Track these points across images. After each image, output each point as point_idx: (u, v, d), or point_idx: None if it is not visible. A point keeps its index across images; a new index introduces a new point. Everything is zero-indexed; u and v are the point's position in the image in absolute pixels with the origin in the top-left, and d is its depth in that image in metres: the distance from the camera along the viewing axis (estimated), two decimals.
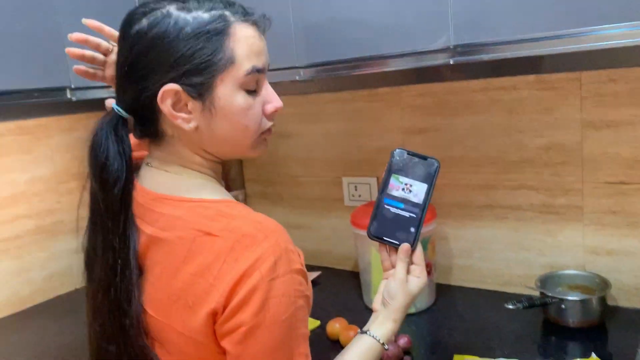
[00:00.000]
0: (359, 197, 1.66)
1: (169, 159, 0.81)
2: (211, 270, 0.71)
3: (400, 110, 1.54)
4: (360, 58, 1.22)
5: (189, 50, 0.73)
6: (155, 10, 0.75)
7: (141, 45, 0.74)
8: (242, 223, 0.73)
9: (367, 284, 1.45)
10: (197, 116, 0.76)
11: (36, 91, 1.40)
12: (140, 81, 0.75)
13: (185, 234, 0.74)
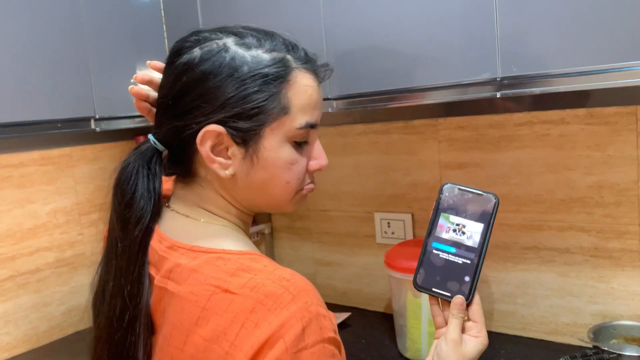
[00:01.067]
0: (392, 234, 1.57)
1: (195, 201, 0.74)
2: (227, 335, 0.61)
3: (438, 144, 1.46)
4: (395, 90, 1.15)
5: (242, 92, 0.67)
6: (210, 41, 0.69)
7: (190, 78, 0.68)
8: (266, 280, 0.63)
9: (402, 329, 1.35)
10: (236, 163, 0.70)
11: (60, 122, 1.36)
12: (182, 116, 0.69)
13: (200, 289, 0.64)
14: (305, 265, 1.80)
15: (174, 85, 0.69)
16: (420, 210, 1.52)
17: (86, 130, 1.42)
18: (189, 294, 0.65)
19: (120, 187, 0.71)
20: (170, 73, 0.71)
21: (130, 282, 0.69)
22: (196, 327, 0.63)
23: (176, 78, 0.69)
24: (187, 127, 0.68)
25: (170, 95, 0.70)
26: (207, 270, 0.66)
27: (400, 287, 1.32)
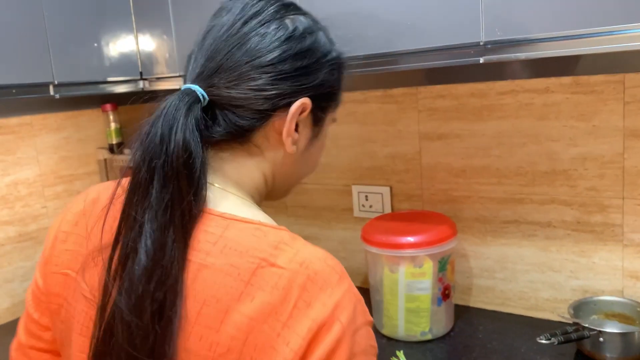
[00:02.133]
0: (369, 207, 1.52)
1: (232, 172, 0.67)
2: (278, 315, 0.54)
3: (417, 114, 1.40)
4: (373, 55, 1.09)
5: (329, 75, 0.68)
6: (303, 12, 0.70)
7: (297, 43, 0.65)
8: (312, 256, 0.58)
9: (378, 305, 1.31)
10: (302, 141, 0.69)
11: (15, 87, 1.27)
12: (282, 79, 0.64)
13: (242, 262, 0.57)
14: None
15: (276, 47, 0.64)
16: (398, 183, 1.47)
17: (45, 96, 1.33)
18: (228, 266, 0.57)
19: (159, 131, 0.59)
20: (265, 32, 0.64)
21: (175, 238, 0.58)
22: (238, 304, 0.55)
23: (281, 40, 0.64)
24: (280, 94, 0.64)
25: (269, 58, 0.63)
26: (247, 240, 0.58)
27: (376, 262, 1.28)
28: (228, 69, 0.63)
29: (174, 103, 0.61)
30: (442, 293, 1.25)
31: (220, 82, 0.63)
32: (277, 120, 0.66)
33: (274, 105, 0.64)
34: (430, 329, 1.26)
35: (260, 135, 0.66)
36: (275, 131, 0.66)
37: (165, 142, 0.59)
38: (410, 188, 1.45)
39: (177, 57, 1.43)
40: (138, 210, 0.58)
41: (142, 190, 0.59)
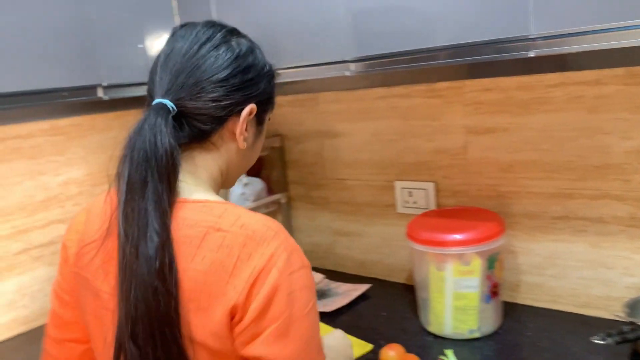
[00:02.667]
0: (413, 203, 1.51)
1: (193, 169, 0.80)
2: (225, 267, 0.69)
3: (463, 107, 1.38)
4: (418, 51, 1.07)
5: (268, 84, 0.84)
6: (243, 35, 0.84)
7: (242, 60, 0.79)
8: (250, 219, 0.72)
9: (425, 302, 1.30)
10: (250, 138, 0.84)
11: (66, 90, 1.30)
12: (234, 91, 0.78)
13: (193, 232, 0.71)
14: (323, 235, 1.75)
15: (228, 66, 0.78)
16: (443, 179, 1.45)
17: (93, 98, 1.36)
18: (184, 237, 0.71)
19: (136, 138, 0.72)
20: (216, 55, 0.78)
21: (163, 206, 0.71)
22: (192, 264, 0.69)
23: (230, 59, 0.78)
24: (233, 103, 0.78)
25: (223, 75, 0.77)
26: (197, 215, 0.73)
27: (422, 259, 1.27)
28: (191, 85, 0.76)
29: (154, 115, 0.73)
30: (491, 290, 1.24)
31: (186, 96, 0.76)
32: (230, 123, 0.80)
33: (229, 112, 0.79)
34: (479, 327, 1.24)
35: (216, 136, 0.80)
36: (229, 131, 0.80)
37: (153, 149, 0.71)
38: (455, 184, 1.43)
39: None
40: (140, 203, 0.70)
41: (140, 188, 0.70)
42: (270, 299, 0.68)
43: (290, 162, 1.78)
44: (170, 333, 0.68)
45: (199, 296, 0.68)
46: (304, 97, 1.68)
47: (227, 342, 0.69)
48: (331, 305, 1.47)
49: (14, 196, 1.50)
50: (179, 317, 0.68)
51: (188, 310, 0.69)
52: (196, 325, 0.69)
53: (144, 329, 0.68)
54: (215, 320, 0.68)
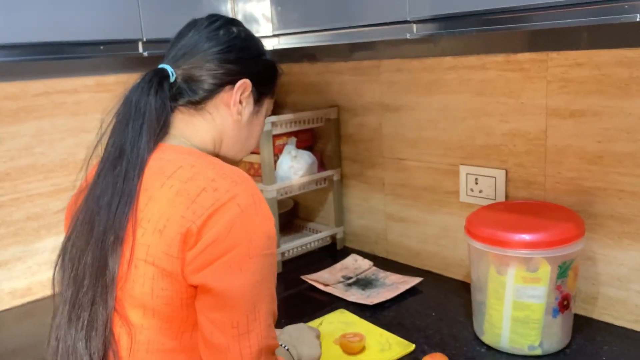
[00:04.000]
0: (479, 192, 1.32)
1: (186, 131, 0.86)
2: (189, 194, 0.72)
3: (546, 84, 1.16)
4: (496, 10, 0.89)
5: (266, 69, 0.94)
6: (244, 27, 0.94)
7: (238, 41, 0.90)
8: (225, 167, 0.77)
9: (480, 307, 1.13)
10: (245, 113, 0.91)
11: (103, 43, 1.22)
12: (228, 63, 0.87)
13: (168, 165, 0.77)
14: (376, 219, 1.60)
15: (224, 42, 0.88)
16: (516, 167, 1.25)
17: (133, 54, 1.27)
18: (158, 167, 0.77)
19: (127, 99, 0.82)
20: (216, 34, 0.88)
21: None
22: (160, 189, 0.74)
23: (227, 38, 0.88)
24: (230, 72, 0.87)
25: (219, 48, 0.87)
26: (174, 155, 0.79)
27: (481, 258, 1.09)
28: (190, 55, 0.87)
29: (148, 77, 0.84)
30: (560, 303, 1.04)
31: (185, 64, 0.87)
32: (225, 94, 0.88)
33: (222, 81, 0.87)
34: (541, 343, 1.06)
35: (212, 105, 0.88)
36: (224, 103, 0.88)
37: (141, 101, 0.81)
38: (530, 173, 1.23)
39: (272, 15, 1.31)
40: (119, 138, 0.79)
41: (122, 130, 0.80)
42: (228, 230, 0.70)
43: (345, 137, 1.63)
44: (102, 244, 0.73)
45: (159, 219, 0.72)
46: (365, 65, 1.51)
47: (176, 262, 0.71)
48: (375, 297, 1.32)
49: (56, 153, 1.45)
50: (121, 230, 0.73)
51: (144, 231, 0.72)
52: (149, 245, 0.71)
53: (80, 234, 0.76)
54: (169, 239, 0.71)
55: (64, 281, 0.76)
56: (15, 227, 1.40)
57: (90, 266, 0.73)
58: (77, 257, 0.75)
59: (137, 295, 0.72)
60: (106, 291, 0.71)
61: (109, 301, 0.71)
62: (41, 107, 1.41)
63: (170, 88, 0.85)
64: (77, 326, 0.72)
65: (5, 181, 1.38)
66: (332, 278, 1.47)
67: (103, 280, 0.72)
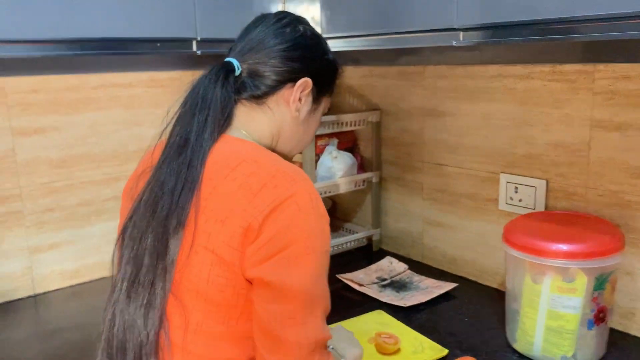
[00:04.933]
0: (519, 201, 1.32)
1: (247, 123, 0.89)
2: (252, 189, 0.74)
3: (592, 96, 1.16)
4: (543, 21, 0.90)
5: (327, 68, 0.96)
6: (311, 26, 0.96)
7: (304, 42, 0.91)
8: (285, 164, 0.79)
9: (514, 315, 1.13)
10: (304, 110, 0.93)
11: (160, 41, 1.27)
12: (292, 61, 0.89)
13: (232, 157, 0.80)
14: (413, 223, 1.61)
15: (290, 40, 0.90)
16: (557, 177, 1.25)
17: (187, 52, 1.33)
18: (222, 159, 0.79)
19: (195, 90, 0.86)
20: (283, 31, 0.90)
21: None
22: (224, 181, 0.76)
23: (293, 37, 0.90)
24: (294, 69, 0.89)
25: (284, 46, 0.89)
26: (238, 147, 0.83)
27: (517, 266, 1.09)
28: (256, 50, 0.89)
29: (215, 70, 0.87)
30: (595, 316, 1.04)
31: (250, 59, 0.89)
32: (286, 91, 0.90)
33: (285, 78, 0.89)
34: (575, 354, 1.05)
35: (272, 100, 0.90)
36: (284, 99, 0.90)
37: (204, 96, 0.84)
38: (571, 184, 1.22)
39: (321, 18, 1.34)
40: (184, 128, 0.83)
41: (188, 121, 0.83)
42: (286, 227, 0.72)
43: (386, 140, 1.65)
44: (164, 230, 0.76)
45: (221, 210, 0.74)
46: (409, 70, 1.53)
47: (236, 254, 0.73)
48: (409, 300, 1.34)
49: (109, 144, 1.52)
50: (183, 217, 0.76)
51: (207, 219, 0.75)
52: (210, 233, 0.74)
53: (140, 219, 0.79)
54: (231, 231, 0.73)
55: (122, 259, 0.80)
56: (68, 211, 1.48)
57: (152, 247, 0.76)
58: (138, 237, 0.78)
59: (193, 279, 0.75)
60: (165, 273, 0.75)
61: (167, 283, 0.75)
62: (98, 99, 1.49)
63: (235, 81, 0.88)
64: (137, 303, 0.76)
65: (62, 168, 1.46)
66: (367, 278, 1.49)
67: (163, 262, 0.75)
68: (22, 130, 1.38)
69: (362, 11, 1.23)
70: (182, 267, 0.75)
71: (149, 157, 0.87)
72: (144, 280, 0.76)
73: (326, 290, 0.78)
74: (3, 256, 1.40)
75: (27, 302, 1.43)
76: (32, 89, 1.38)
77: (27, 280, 1.44)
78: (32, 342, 1.24)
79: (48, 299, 1.45)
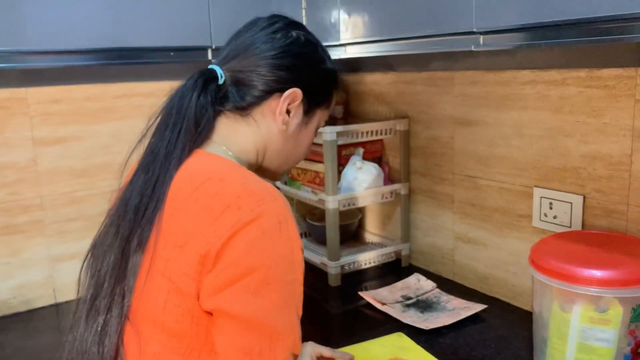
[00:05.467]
0: (553, 218, 1.21)
1: (228, 136, 0.83)
2: (213, 211, 0.69)
3: (634, 104, 1.04)
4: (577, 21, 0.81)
5: (321, 78, 0.89)
6: (307, 32, 0.89)
7: (296, 47, 0.84)
8: (255, 182, 0.73)
9: (541, 343, 1.02)
10: (292, 124, 0.86)
11: (173, 50, 1.25)
12: (280, 69, 0.82)
13: (197, 175, 0.74)
14: (443, 237, 1.52)
15: (280, 47, 0.83)
16: (596, 193, 1.13)
17: (203, 60, 1.30)
18: (187, 176, 0.74)
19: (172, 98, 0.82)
20: (273, 37, 0.83)
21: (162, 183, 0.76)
22: (185, 203, 0.72)
23: (285, 43, 0.83)
24: (281, 78, 0.82)
25: (273, 52, 0.82)
26: (206, 164, 0.77)
27: (544, 292, 0.99)
28: (243, 57, 0.83)
29: (194, 77, 0.81)
30: (633, 350, 0.92)
31: (236, 66, 0.83)
32: (273, 102, 0.83)
33: (271, 87, 0.82)
34: None
35: (258, 112, 0.83)
36: (271, 111, 0.84)
37: (184, 102, 0.79)
38: (611, 201, 1.11)
39: (341, 27, 1.29)
40: (157, 144, 0.78)
41: (162, 132, 0.79)
42: (246, 252, 0.67)
43: (415, 149, 1.56)
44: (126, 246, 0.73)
45: (181, 234, 0.70)
46: (438, 76, 1.45)
47: (192, 284, 0.68)
48: (434, 322, 1.25)
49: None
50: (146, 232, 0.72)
51: (166, 243, 0.70)
52: (168, 259, 0.70)
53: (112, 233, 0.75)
54: (187, 258, 0.68)
55: (87, 278, 0.77)
56: (90, 221, 1.48)
57: (111, 269, 0.73)
58: (100, 257, 0.75)
59: (150, 308, 0.71)
60: (122, 298, 0.71)
61: (124, 309, 0.71)
62: (120, 108, 1.48)
63: (217, 90, 0.82)
64: (93, 328, 0.73)
65: (83, 177, 1.46)
66: (391, 297, 1.41)
67: (121, 287, 0.72)
68: (44, 140, 1.40)
69: (381, 15, 1.17)
70: (139, 293, 0.71)
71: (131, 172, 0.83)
72: (101, 304, 0.73)
73: (294, 325, 0.70)
74: (25, 265, 1.41)
75: (49, 310, 1.44)
76: (53, 99, 1.39)
77: (49, 289, 1.45)
78: (54, 350, 1.23)
79: (70, 308, 1.45)
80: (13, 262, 1.40)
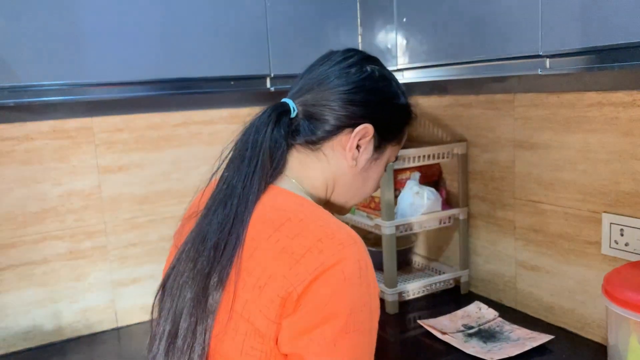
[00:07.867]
0: (625, 246, 1.15)
1: (299, 170, 0.82)
2: (294, 254, 0.68)
3: None
4: None
5: (394, 114, 0.87)
6: (382, 66, 0.88)
7: (370, 85, 0.83)
8: (336, 226, 0.71)
9: None
10: (362, 159, 0.85)
11: (233, 79, 1.28)
12: (353, 105, 0.81)
13: (276, 214, 0.73)
14: (504, 265, 1.47)
15: (354, 82, 0.82)
16: None
17: (261, 89, 1.32)
18: (266, 216, 0.73)
19: (247, 132, 0.80)
20: (348, 72, 0.83)
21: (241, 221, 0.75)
22: (265, 243, 0.70)
23: (359, 78, 0.82)
24: (354, 114, 0.81)
25: (346, 88, 0.81)
26: (284, 202, 0.76)
27: (620, 324, 0.94)
28: (316, 92, 0.82)
29: (268, 112, 0.81)
30: None
31: (308, 100, 0.82)
32: (344, 137, 0.82)
33: (343, 123, 0.81)
34: None
35: (328, 146, 0.83)
36: (342, 146, 0.83)
37: (253, 140, 0.78)
38: None
39: (397, 52, 1.28)
40: (232, 180, 0.77)
41: (237, 168, 0.78)
42: (329, 298, 0.65)
43: (474, 174, 1.53)
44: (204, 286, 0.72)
45: (261, 274, 0.69)
46: (497, 98, 1.42)
47: (272, 326, 0.67)
48: (498, 353, 1.21)
49: (190, 180, 1.55)
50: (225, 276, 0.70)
51: (245, 284, 0.69)
52: (247, 300, 0.69)
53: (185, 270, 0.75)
54: (268, 300, 0.67)
55: (162, 313, 0.77)
56: (150, 246, 1.51)
57: (190, 306, 0.72)
58: (177, 292, 0.74)
59: (227, 349, 0.70)
60: (203, 338, 0.70)
61: (205, 349, 0.70)
62: (179, 136, 1.52)
63: (290, 124, 0.82)
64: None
65: (145, 204, 1.50)
66: (452, 326, 1.37)
67: (203, 326, 0.71)
68: (108, 168, 1.44)
69: (440, 39, 1.16)
70: (218, 332, 0.70)
71: (198, 200, 0.83)
72: (183, 344, 0.71)
73: None
74: (89, 290, 1.45)
75: (111, 334, 1.47)
76: (117, 128, 1.44)
77: (111, 314, 1.48)
78: None
79: (130, 332, 1.48)
80: (78, 286, 1.44)
